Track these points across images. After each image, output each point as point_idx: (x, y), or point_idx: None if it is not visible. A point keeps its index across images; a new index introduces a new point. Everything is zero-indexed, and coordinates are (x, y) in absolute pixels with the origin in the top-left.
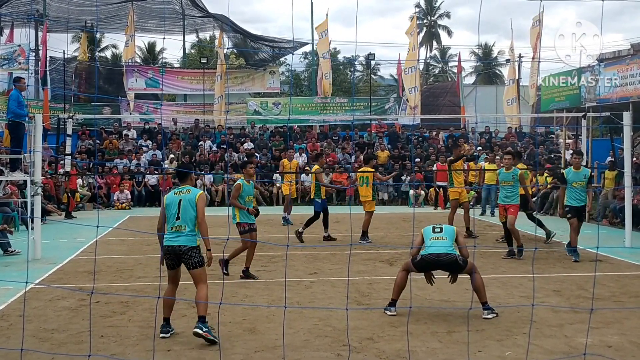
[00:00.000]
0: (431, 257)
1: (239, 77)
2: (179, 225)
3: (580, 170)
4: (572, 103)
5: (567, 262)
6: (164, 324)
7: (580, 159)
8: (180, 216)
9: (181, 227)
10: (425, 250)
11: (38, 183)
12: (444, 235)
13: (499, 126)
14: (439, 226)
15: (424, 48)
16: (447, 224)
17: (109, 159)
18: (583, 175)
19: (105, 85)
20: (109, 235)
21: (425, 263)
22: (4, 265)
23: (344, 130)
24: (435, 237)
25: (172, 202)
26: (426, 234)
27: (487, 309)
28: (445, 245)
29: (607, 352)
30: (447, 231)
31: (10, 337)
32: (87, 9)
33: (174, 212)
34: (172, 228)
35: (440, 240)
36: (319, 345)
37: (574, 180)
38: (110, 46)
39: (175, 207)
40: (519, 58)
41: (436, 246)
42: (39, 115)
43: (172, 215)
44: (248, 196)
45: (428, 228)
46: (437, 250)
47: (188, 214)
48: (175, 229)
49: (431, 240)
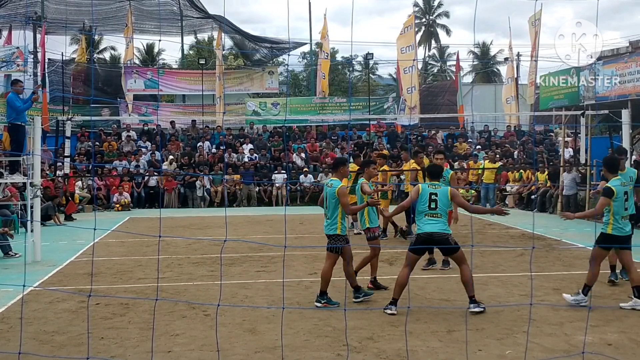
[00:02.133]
0: (425, 235)
1: (237, 78)
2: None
3: (625, 172)
4: (571, 101)
5: (566, 260)
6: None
7: (623, 157)
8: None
9: None
10: (420, 228)
11: (37, 185)
12: (439, 212)
13: (498, 125)
14: (435, 199)
15: (422, 47)
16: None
17: (108, 160)
18: (629, 177)
19: (104, 87)
20: (109, 237)
21: (420, 240)
22: (4, 267)
23: (343, 130)
24: (430, 214)
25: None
26: (422, 199)
27: (474, 302)
28: (439, 223)
29: (607, 350)
30: (442, 205)
31: (10, 339)
32: (85, 9)
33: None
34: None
35: (434, 217)
36: (319, 346)
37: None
38: (109, 48)
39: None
40: (517, 57)
41: (430, 224)
42: (37, 118)
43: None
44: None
45: (425, 192)
46: (431, 229)
47: None
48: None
49: (426, 217)
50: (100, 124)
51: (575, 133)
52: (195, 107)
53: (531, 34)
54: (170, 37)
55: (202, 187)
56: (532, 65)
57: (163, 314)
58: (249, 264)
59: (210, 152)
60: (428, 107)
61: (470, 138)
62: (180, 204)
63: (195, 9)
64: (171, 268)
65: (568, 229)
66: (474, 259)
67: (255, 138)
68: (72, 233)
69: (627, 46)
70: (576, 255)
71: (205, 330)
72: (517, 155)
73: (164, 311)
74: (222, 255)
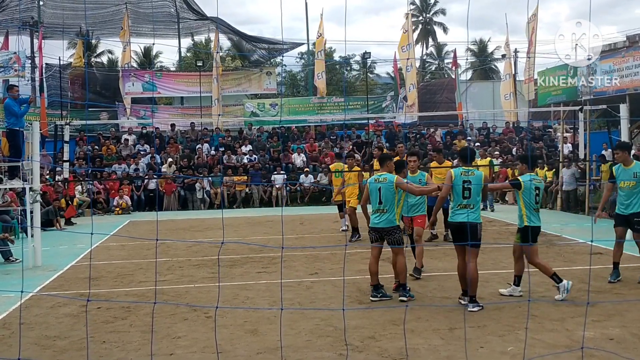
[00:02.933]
0: (457, 224)
1: (235, 79)
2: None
3: (631, 167)
4: (569, 97)
5: (567, 256)
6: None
7: (621, 153)
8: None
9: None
10: (452, 217)
11: (37, 190)
12: (471, 202)
13: (497, 121)
14: (468, 186)
15: (419, 45)
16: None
17: (107, 164)
18: (634, 173)
19: (102, 91)
20: (109, 241)
21: (452, 230)
22: (5, 273)
23: (342, 129)
24: (464, 204)
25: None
26: (455, 195)
27: (474, 302)
28: (471, 213)
29: (608, 345)
30: (475, 194)
31: (12, 345)
32: (82, 13)
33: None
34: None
35: (466, 209)
36: (321, 346)
37: (622, 179)
38: (106, 51)
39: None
40: (514, 53)
41: (462, 214)
42: (36, 123)
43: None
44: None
45: (459, 181)
46: (461, 219)
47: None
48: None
49: (459, 208)
50: (99, 128)
51: (574, 128)
52: (194, 109)
53: (528, 31)
54: (167, 39)
55: (201, 189)
56: (530, 62)
57: (164, 316)
58: (249, 265)
59: (209, 154)
60: (426, 105)
61: (469, 135)
62: (180, 207)
63: (192, 11)
64: (172, 271)
65: (568, 224)
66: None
67: (254, 139)
68: (73, 237)
69: (624, 40)
70: (576, 251)
71: (207, 332)
72: (515, 151)
73: (166, 314)
74: (223, 256)
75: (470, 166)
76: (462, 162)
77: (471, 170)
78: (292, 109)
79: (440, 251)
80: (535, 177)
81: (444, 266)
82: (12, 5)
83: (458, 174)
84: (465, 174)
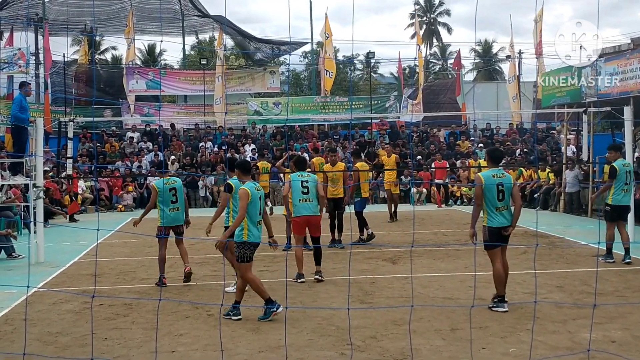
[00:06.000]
0: (497, 229)
1: (239, 78)
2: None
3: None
4: (573, 98)
5: (570, 258)
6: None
7: (614, 153)
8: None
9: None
10: (493, 221)
11: (40, 186)
12: (505, 204)
13: (500, 123)
14: (502, 189)
15: (423, 45)
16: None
17: (111, 161)
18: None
19: (106, 88)
20: (112, 238)
21: (493, 236)
22: (8, 269)
23: (345, 129)
24: (500, 207)
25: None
26: (490, 198)
27: (502, 301)
28: (509, 215)
29: (610, 347)
30: (507, 195)
31: (14, 341)
32: (87, 10)
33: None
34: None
35: (504, 210)
36: (323, 345)
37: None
38: (111, 48)
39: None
40: (518, 54)
41: (503, 218)
42: (40, 119)
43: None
44: None
45: (492, 185)
46: (505, 223)
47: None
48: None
49: (497, 212)
50: (103, 125)
51: (578, 130)
52: (197, 107)
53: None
54: (172, 37)
55: (204, 187)
56: (541, 63)
57: (166, 314)
58: (257, 263)
59: (212, 152)
60: (430, 105)
61: (472, 136)
62: None
63: (196, 10)
64: (174, 268)
65: (571, 227)
66: (477, 257)
67: (258, 138)
68: (75, 234)
69: (628, 43)
70: (579, 253)
71: (209, 330)
72: (519, 153)
73: (168, 311)
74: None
75: (498, 167)
76: (491, 164)
77: (501, 172)
78: (295, 107)
79: (442, 252)
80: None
81: (446, 267)
82: (17, 2)
83: (489, 177)
84: (496, 176)
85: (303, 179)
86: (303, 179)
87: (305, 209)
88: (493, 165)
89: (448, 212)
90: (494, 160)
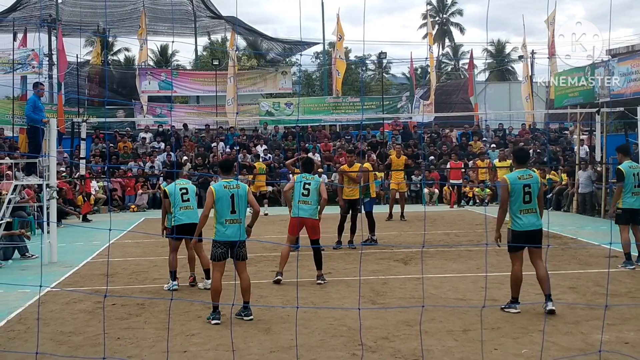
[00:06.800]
0: (525, 233)
1: (251, 78)
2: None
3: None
4: (586, 99)
5: (582, 259)
6: (214, 312)
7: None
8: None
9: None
10: (517, 225)
11: (53, 187)
12: (531, 206)
13: (513, 123)
14: (529, 190)
15: (435, 45)
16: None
17: (124, 162)
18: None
19: (118, 89)
20: (124, 238)
21: (519, 240)
22: (21, 269)
23: (357, 129)
24: (526, 209)
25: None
26: (516, 201)
27: (550, 300)
28: (536, 217)
29: (623, 349)
30: (534, 197)
31: (27, 340)
32: (99, 11)
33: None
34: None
35: (531, 214)
36: (334, 345)
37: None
38: (123, 49)
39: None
40: (531, 54)
41: (530, 221)
42: (53, 120)
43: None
44: None
45: (519, 187)
46: (532, 227)
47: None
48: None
49: (522, 214)
50: (115, 126)
51: (591, 131)
52: (209, 107)
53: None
54: (184, 38)
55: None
56: (553, 63)
57: (178, 314)
58: (263, 264)
59: (224, 153)
60: (442, 106)
61: (485, 137)
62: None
63: (208, 11)
64: (186, 268)
65: (584, 227)
66: (489, 258)
67: (269, 138)
68: (88, 234)
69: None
70: (592, 254)
71: (220, 330)
72: (532, 153)
73: (180, 311)
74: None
75: (525, 168)
76: (517, 164)
77: (527, 173)
78: (307, 108)
79: (454, 252)
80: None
81: (458, 267)
82: (31, 3)
83: (515, 179)
84: (523, 177)
85: (306, 181)
86: (306, 181)
87: (302, 210)
88: (519, 166)
89: (460, 213)
90: (519, 160)
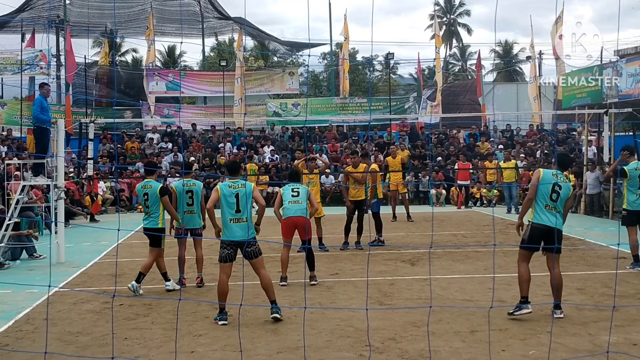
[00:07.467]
0: (543, 228)
1: (258, 79)
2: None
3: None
4: (594, 99)
5: (590, 260)
6: (220, 313)
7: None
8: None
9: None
10: (538, 217)
11: (61, 187)
12: (556, 205)
13: (520, 124)
14: (557, 190)
15: (443, 46)
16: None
17: (131, 162)
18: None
19: (126, 89)
20: (132, 238)
21: (536, 233)
22: (29, 269)
23: (364, 130)
24: (551, 206)
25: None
26: (544, 193)
27: (559, 308)
28: (558, 217)
29: (631, 350)
30: (561, 199)
31: (35, 340)
32: (107, 12)
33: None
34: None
35: (554, 212)
36: (341, 346)
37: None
38: (131, 50)
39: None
40: (539, 55)
41: (551, 219)
42: (61, 120)
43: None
44: None
45: (549, 181)
46: (550, 224)
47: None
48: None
49: (546, 209)
50: (123, 126)
51: (599, 131)
52: (217, 108)
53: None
54: (191, 39)
55: None
56: (560, 63)
57: (186, 314)
58: (270, 265)
59: (231, 153)
60: (449, 107)
61: (492, 137)
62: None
63: (216, 11)
64: (194, 269)
65: (592, 229)
66: (497, 259)
67: (277, 139)
68: (96, 234)
69: None
70: (600, 255)
71: (228, 331)
72: (539, 154)
73: (187, 312)
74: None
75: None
76: (559, 168)
77: (562, 176)
78: (314, 109)
79: (461, 253)
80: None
81: (465, 268)
82: (39, 4)
83: (549, 175)
84: (556, 176)
85: (294, 187)
86: (294, 186)
87: (292, 210)
88: (559, 168)
89: (467, 214)
90: (560, 165)
